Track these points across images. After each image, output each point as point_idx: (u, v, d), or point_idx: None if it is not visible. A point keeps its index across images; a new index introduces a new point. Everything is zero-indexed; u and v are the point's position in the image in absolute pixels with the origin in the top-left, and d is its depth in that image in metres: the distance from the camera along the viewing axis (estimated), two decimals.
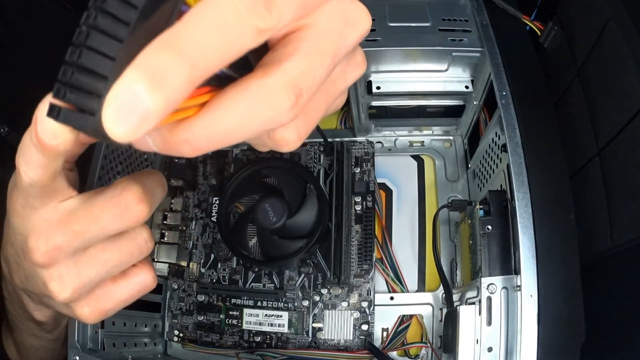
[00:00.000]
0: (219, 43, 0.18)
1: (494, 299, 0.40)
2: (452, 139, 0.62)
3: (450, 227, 0.57)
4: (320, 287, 0.56)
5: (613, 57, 0.45)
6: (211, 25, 0.18)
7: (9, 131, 0.53)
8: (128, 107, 0.16)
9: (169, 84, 0.16)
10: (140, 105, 0.16)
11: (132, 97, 0.16)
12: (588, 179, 0.50)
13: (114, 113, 0.16)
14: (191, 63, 0.17)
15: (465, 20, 0.49)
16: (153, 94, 0.16)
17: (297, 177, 0.57)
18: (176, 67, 0.17)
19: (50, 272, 0.29)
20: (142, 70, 0.16)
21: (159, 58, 0.16)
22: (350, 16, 0.24)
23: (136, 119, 0.16)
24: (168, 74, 0.16)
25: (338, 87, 0.26)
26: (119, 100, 0.16)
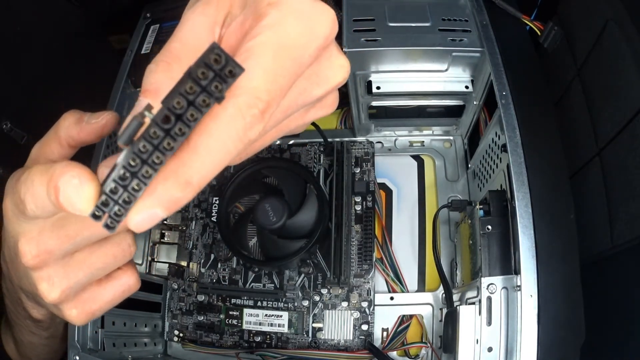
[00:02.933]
0: (219, 166, 0.23)
1: (494, 299, 0.40)
2: (452, 139, 0.62)
3: (450, 227, 0.57)
4: (320, 287, 0.56)
5: (613, 57, 0.45)
6: (214, 157, 0.23)
7: (12, 127, 0.53)
8: (149, 220, 0.23)
9: (177, 205, 0.23)
10: (157, 218, 0.23)
11: (152, 215, 0.23)
12: (588, 179, 0.50)
13: (137, 223, 0.23)
14: (196, 189, 0.23)
15: (465, 20, 0.49)
16: (165, 212, 0.23)
17: (297, 177, 0.57)
18: (185, 195, 0.23)
19: (40, 274, 0.30)
20: (159, 200, 0.22)
21: (171, 191, 0.22)
22: (322, 75, 0.27)
23: (150, 224, 0.23)
24: (179, 202, 0.23)
25: (291, 125, 0.30)
26: (142, 215, 0.22)
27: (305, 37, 0.25)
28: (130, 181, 0.21)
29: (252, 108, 0.23)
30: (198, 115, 0.19)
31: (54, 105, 0.61)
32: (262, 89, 0.23)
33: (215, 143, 0.22)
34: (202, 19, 0.26)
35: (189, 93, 0.19)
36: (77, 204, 0.23)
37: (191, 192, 0.22)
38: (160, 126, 0.19)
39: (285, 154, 0.62)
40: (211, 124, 0.22)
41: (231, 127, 0.22)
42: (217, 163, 0.23)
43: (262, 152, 0.62)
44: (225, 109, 0.22)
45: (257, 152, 0.30)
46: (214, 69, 0.19)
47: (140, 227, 0.23)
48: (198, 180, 0.22)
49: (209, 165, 0.22)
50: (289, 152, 0.62)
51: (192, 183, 0.22)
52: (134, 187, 0.21)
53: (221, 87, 0.19)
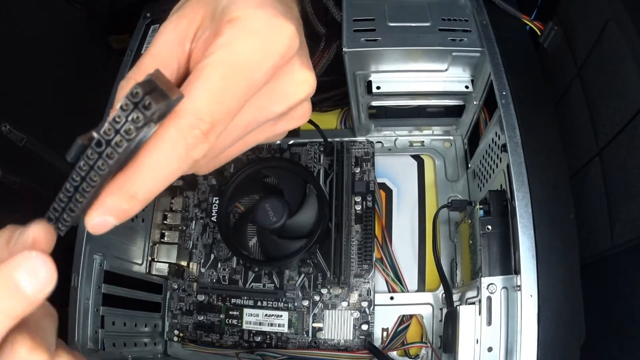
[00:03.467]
0: (163, 182, 0.24)
1: (494, 298, 0.40)
2: (452, 139, 0.62)
3: (450, 227, 0.57)
4: (320, 287, 0.56)
5: (613, 57, 0.45)
6: (158, 174, 0.24)
7: (11, 129, 0.53)
8: (102, 225, 0.24)
9: (127, 215, 0.24)
10: (109, 224, 0.24)
11: (104, 221, 0.24)
12: (588, 179, 0.50)
13: (92, 225, 0.24)
14: (142, 202, 0.24)
15: (465, 20, 0.49)
16: (116, 220, 0.24)
17: (297, 177, 0.57)
18: (132, 207, 0.24)
19: None
20: (109, 210, 0.23)
21: (118, 203, 0.24)
22: (281, 91, 0.27)
23: (105, 228, 0.24)
24: (127, 212, 0.24)
25: (259, 137, 0.30)
26: (95, 220, 0.24)
27: (258, 55, 0.25)
28: (74, 194, 0.23)
29: (194, 129, 0.24)
30: (124, 142, 0.21)
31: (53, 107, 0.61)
32: (206, 111, 0.24)
33: (158, 161, 0.24)
34: (173, 34, 0.26)
35: (117, 122, 0.21)
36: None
37: (137, 204, 0.24)
38: (94, 149, 0.22)
39: (285, 154, 0.62)
40: (155, 144, 0.23)
41: (172, 148, 0.24)
42: (160, 179, 0.24)
43: (262, 152, 0.62)
44: (168, 129, 0.23)
45: (227, 163, 0.30)
46: (133, 101, 0.21)
47: (96, 230, 0.24)
48: (143, 195, 0.24)
49: (153, 181, 0.24)
50: (289, 152, 0.62)
51: (136, 197, 0.24)
52: (76, 198, 0.23)
53: (140, 118, 0.21)
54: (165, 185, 0.25)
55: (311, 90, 0.28)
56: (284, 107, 0.28)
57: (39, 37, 0.58)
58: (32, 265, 0.22)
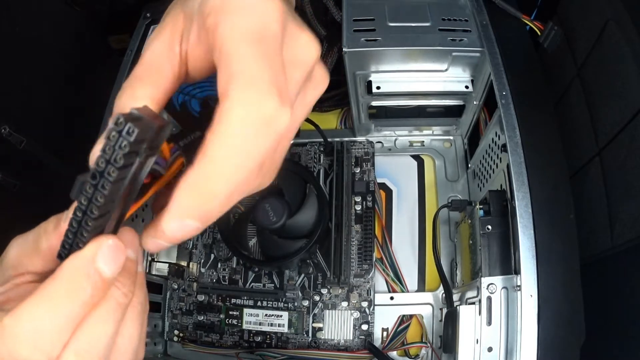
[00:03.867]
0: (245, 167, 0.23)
1: (494, 298, 0.40)
2: (452, 139, 0.62)
3: (450, 227, 0.57)
4: (320, 287, 0.56)
5: (613, 57, 0.45)
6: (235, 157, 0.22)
7: (11, 132, 0.53)
8: (181, 230, 0.23)
9: (208, 216, 0.23)
10: (191, 228, 0.23)
11: (184, 225, 0.23)
12: (588, 179, 0.50)
13: (169, 233, 0.23)
14: (222, 198, 0.23)
15: (465, 20, 0.49)
16: (200, 222, 0.23)
17: (297, 177, 0.57)
18: (212, 205, 0.23)
19: None
20: (184, 210, 0.22)
21: (195, 202, 0.22)
22: (294, 53, 0.26)
23: (185, 235, 0.23)
24: (209, 213, 0.23)
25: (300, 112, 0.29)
26: (171, 225, 0.23)
27: (261, 23, 0.24)
28: (78, 229, 0.22)
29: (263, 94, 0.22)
30: (115, 172, 0.21)
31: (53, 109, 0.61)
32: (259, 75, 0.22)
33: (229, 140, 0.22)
34: (159, 44, 0.26)
35: (106, 152, 0.20)
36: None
37: (216, 201, 0.22)
38: (90, 182, 0.21)
39: (285, 154, 0.62)
40: (220, 122, 0.22)
41: (246, 115, 0.22)
42: (240, 164, 0.22)
43: None
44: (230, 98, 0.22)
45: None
46: (117, 130, 0.20)
47: (175, 237, 0.23)
48: (220, 189, 0.22)
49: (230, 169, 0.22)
50: (289, 152, 0.62)
51: (214, 193, 0.22)
52: (81, 233, 0.22)
53: (126, 144, 0.20)
54: (248, 173, 0.23)
55: (318, 50, 0.27)
56: (303, 72, 0.27)
57: (39, 38, 0.58)
58: (109, 249, 0.23)
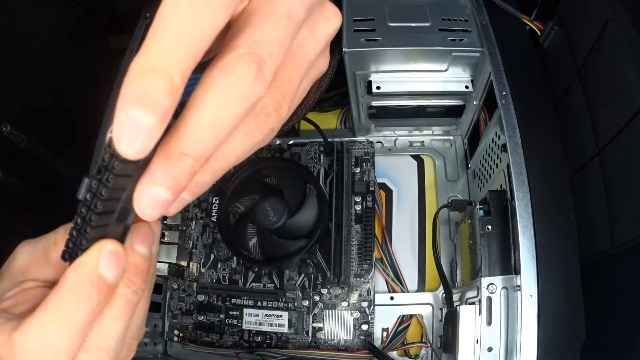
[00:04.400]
0: (216, 129, 0.20)
1: (494, 298, 0.40)
2: (452, 139, 0.62)
3: (450, 227, 0.57)
4: (320, 287, 0.56)
5: (613, 57, 0.45)
6: (205, 118, 0.20)
7: (12, 130, 0.53)
8: (153, 203, 0.20)
9: (179, 182, 0.20)
10: (161, 200, 0.20)
11: (154, 197, 0.20)
12: (588, 179, 0.50)
13: (142, 206, 0.20)
14: (195, 160, 0.20)
15: (465, 20, 0.49)
16: (167, 192, 0.20)
17: (297, 177, 0.57)
18: (183, 169, 0.20)
19: None
20: (153, 180, 0.20)
21: (163, 166, 0.20)
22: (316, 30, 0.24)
23: (159, 209, 0.20)
24: (178, 177, 0.20)
25: (308, 49, 0.25)
26: (142, 197, 0.20)
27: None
28: (82, 226, 0.22)
29: (252, 55, 0.20)
30: (119, 166, 0.20)
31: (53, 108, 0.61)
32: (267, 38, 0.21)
33: (200, 101, 0.20)
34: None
35: (111, 147, 0.20)
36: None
37: (189, 164, 0.20)
38: (95, 178, 0.21)
39: (285, 154, 0.62)
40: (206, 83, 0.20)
41: (230, 77, 0.20)
42: (211, 125, 0.20)
43: (262, 152, 0.62)
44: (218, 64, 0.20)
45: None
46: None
47: (149, 211, 0.20)
48: (194, 150, 0.20)
49: (202, 129, 0.20)
50: (289, 152, 0.62)
51: (186, 153, 0.20)
52: (85, 230, 0.22)
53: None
54: (220, 135, 0.20)
55: (340, 23, 0.26)
56: (322, 43, 0.25)
57: (40, 38, 0.58)
58: (110, 256, 0.22)
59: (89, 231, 0.22)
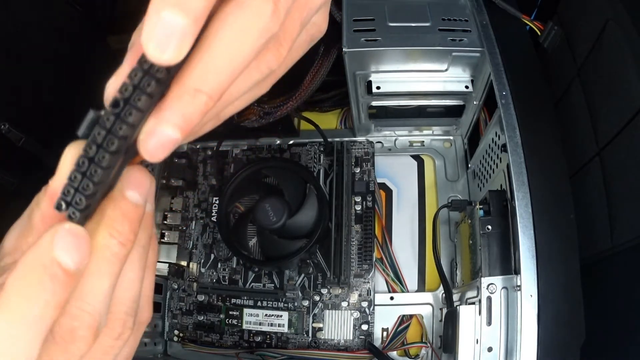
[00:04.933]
0: (234, 66, 0.20)
1: (494, 298, 0.40)
2: (452, 139, 0.62)
3: (450, 227, 0.57)
4: (320, 287, 0.56)
5: (613, 57, 0.45)
6: (223, 52, 0.19)
7: (10, 129, 0.53)
8: (161, 142, 0.19)
9: (190, 121, 0.19)
10: (170, 140, 0.19)
11: (163, 136, 0.19)
12: (588, 179, 0.50)
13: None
14: (211, 97, 0.19)
15: (465, 20, 0.49)
16: (177, 131, 0.19)
17: (297, 177, 0.57)
18: (197, 107, 0.19)
19: None
20: (164, 119, 0.19)
21: (178, 103, 0.19)
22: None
23: (166, 149, 0.19)
24: (191, 117, 0.19)
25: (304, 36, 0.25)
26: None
27: None
28: (88, 168, 0.19)
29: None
30: (143, 99, 0.19)
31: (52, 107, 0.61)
32: None
33: (218, 35, 0.19)
34: None
35: (135, 77, 0.19)
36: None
37: (204, 102, 0.19)
38: (109, 112, 0.19)
39: (285, 154, 0.62)
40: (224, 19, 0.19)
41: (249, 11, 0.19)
42: (230, 61, 0.19)
43: (262, 152, 0.62)
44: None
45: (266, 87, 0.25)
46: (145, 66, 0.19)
47: (155, 150, 0.19)
48: (210, 87, 0.19)
49: (220, 64, 0.19)
50: (289, 152, 0.62)
51: (201, 90, 0.19)
52: (91, 173, 0.19)
53: (159, 76, 0.19)
54: (235, 71, 0.20)
55: None
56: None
57: (39, 37, 0.58)
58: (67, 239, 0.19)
59: (98, 172, 0.19)
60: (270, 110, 0.52)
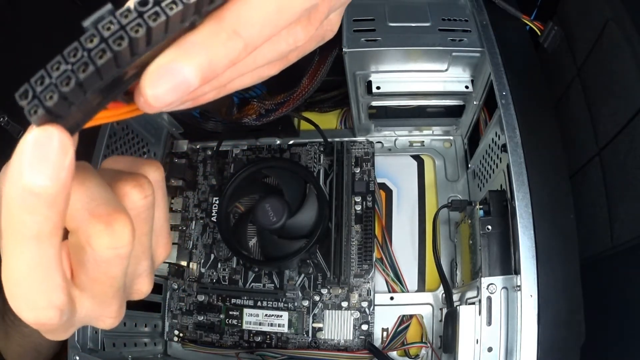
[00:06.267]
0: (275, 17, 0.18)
1: (494, 299, 0.40)
2: (452, 139, 0.62)
3: (450, 227, 0.57)
4: (320, 287, 0.56)
5: (613, 57, 0.45)
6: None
7: (9, 121, 0.53)
8: (174, 83, 0.17)
9: (219, 64, 0.17)
10: (185, 82, 0.17)
11: (177, 74, 0.17)
12: (588, 179, 0.50)
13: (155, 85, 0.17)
14: (246, 45, 0.18)
15: (465, 20, 0.49)
16: (199, 72, 0.17)
17: (297, 177, 0.57)
18: (230, 51, 0.17)
19: None
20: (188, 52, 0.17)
21: (212, 43, 0.17)
22: None
23: (176, 93, 0.17)
24: (221, 61, 0.17)
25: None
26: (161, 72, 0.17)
27: None
28: (78, 66, 0.15)
29: None
30: (177, 5, 0.15)
31: None
32: None
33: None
34: None
35: None
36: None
37: (237, 49, 0.17)
38: (135, 8, 0.15)
39: (285, 154, 0.62)
40: None
41: None
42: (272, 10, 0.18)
43: (262, 152, 0.62)
44: None
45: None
46: None
47: (162, 95, 0.17)
48: (248, 32, 0.17)
49: (263, 11, 0.18)
50: (289, 152, 0.62)
51: (239, 34, 0.17)
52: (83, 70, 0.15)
53: None
54: (280, 24, 0.18)
55: None
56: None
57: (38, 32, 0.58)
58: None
59: (88, 72, 0.15)
60: (271, 108, 0.52)
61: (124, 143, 0.53)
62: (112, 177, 0.20)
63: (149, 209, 0.21)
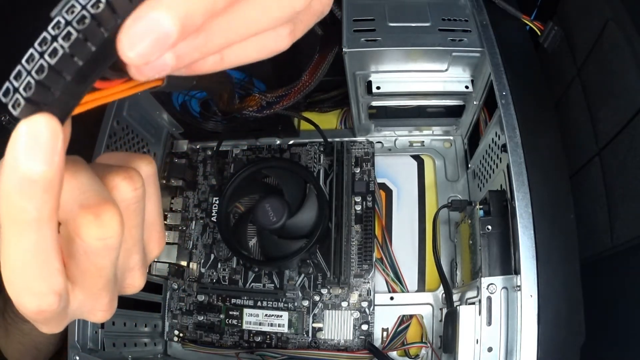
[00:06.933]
0: None
1: (494, 299, 0.40)
2: (452, 139, 0.62)
3: (450, 227, 0.57)
4: (320, 287, 0.56)
5: (613, 57, 0.45)
6: None
7: (10, 120, 0.53)
8: (144, 33, 0.16)
9: (194, 17, 0.16)
10: (162, 36, 0.16)
11: (151, 27, 0.16)
12: (588, 179, 0.50)
13: (129, 41, 0.16)
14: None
15: (465, 20, 0.49)
16: (175, 22, 0.16)
17: (297, 177, 0.57)
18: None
19: None
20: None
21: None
22: None
23: (152, 49, 0.16)
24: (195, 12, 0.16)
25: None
26: (136, 29, 0.16)
27: None
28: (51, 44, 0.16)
29: None
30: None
31: None
32: None
33: None
34: None
35: None
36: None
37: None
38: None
39: (285, 154, 0.62)
40: None
41: None
42: None
43: (262, 152, 0.62)
44: None
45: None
46: None
47: (140, 53, 0.16)
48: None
49: None
50: (289, 152, 0.62)
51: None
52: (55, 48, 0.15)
53: None
54: None
55: None
56: None
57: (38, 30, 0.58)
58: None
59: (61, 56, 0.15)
60: (272, 100, 0.52)
61: (124, 143, 0.53)
62: (103, 171, 0.21)
63: (139, 202, 0.21)
